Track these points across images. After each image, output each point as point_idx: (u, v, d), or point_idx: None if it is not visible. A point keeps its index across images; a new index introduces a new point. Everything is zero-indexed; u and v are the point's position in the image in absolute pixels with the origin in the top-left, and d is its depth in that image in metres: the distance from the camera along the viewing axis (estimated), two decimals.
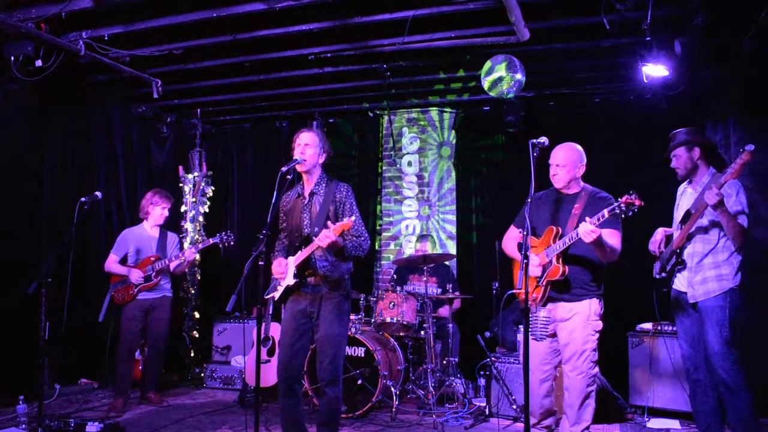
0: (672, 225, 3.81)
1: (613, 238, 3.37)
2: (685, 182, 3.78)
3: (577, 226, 3.35)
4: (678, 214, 3.74)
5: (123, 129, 6.42)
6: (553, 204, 3.63)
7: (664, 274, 3.74)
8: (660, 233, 3.82)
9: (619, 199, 3.14)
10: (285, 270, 3.48)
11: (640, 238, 4.33)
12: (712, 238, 3.52)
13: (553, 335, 3.55)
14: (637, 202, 3.08)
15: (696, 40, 4.33)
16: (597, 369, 3.51)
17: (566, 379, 3.49)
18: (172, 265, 5.17)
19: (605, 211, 3.17)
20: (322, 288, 3.44)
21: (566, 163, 3.54)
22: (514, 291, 3.62)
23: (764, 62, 4.54)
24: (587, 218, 3.21)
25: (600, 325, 3.48)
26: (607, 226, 3.29)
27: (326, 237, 3.20)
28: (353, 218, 3.27)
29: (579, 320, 3.44)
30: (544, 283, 3.48)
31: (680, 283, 3.67)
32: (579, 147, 3.62)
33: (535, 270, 3.51)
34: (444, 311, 5.74)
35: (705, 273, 3.51)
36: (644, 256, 5.34)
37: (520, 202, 3.46)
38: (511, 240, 3.80)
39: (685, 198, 3.73)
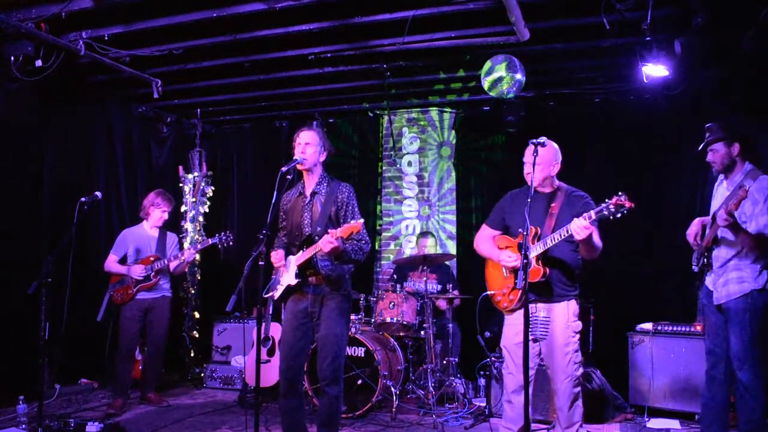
0: (708, 215, 3.72)
1: (596, 235, 3.27)
2: (721, 175, 3.66)
3: (555, 227, 3.31)
4: (714, 204, 3.67)
5: (123, 129, 6.42)
6: (529, 203, 3.56)
7: (697, 269, 3.70)
8: (696, 224, 3.74)
9: (608, 201, 2.97)
10: (284, 260, 3.48)
11: (640, 239, 4.34)
12: (736, 243, 3.47)
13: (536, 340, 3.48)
14: (627, 204, 2.89)
15: (696, 40, 4.33)
16: (581, 370, 3.46)
17: (553, 384, 3.46)
18: (172, 266, 5.17)
19: (592, 213, 3.02)
20: (323, 288, 3.44)
21: (540, 161, 3.37)
22: (488, 293, 3.59)
23: (764, 62, 4.54)
24: (584, 215, 3.07)
25: (579, 325, 3.43)
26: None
27: (329, 243, 3.17)
28: (361, 221, 3.21)
29: (560, 323, 3.38)
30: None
31: (709, 281, 3.66)
32: (555, 145, 3.50)
33: (514, 263, 3.41)
34: (443, 306, 5.71)
35: (727, 275, 3.50)
36: (644, 257, 5.35)
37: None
38: (484, 240, 3.71)
39: (722, 190, 3.64)
